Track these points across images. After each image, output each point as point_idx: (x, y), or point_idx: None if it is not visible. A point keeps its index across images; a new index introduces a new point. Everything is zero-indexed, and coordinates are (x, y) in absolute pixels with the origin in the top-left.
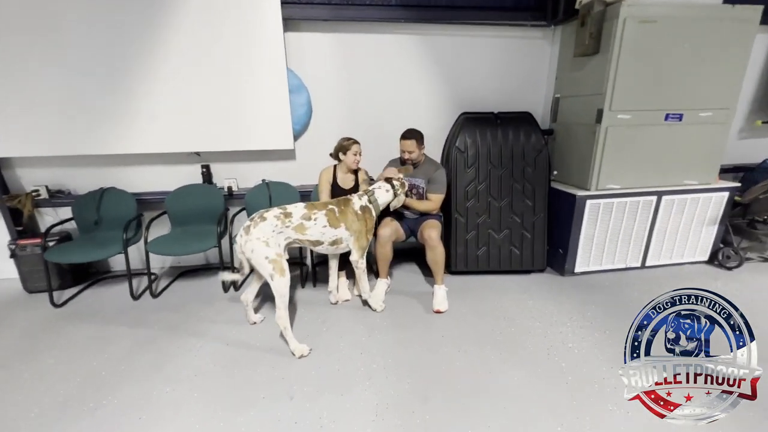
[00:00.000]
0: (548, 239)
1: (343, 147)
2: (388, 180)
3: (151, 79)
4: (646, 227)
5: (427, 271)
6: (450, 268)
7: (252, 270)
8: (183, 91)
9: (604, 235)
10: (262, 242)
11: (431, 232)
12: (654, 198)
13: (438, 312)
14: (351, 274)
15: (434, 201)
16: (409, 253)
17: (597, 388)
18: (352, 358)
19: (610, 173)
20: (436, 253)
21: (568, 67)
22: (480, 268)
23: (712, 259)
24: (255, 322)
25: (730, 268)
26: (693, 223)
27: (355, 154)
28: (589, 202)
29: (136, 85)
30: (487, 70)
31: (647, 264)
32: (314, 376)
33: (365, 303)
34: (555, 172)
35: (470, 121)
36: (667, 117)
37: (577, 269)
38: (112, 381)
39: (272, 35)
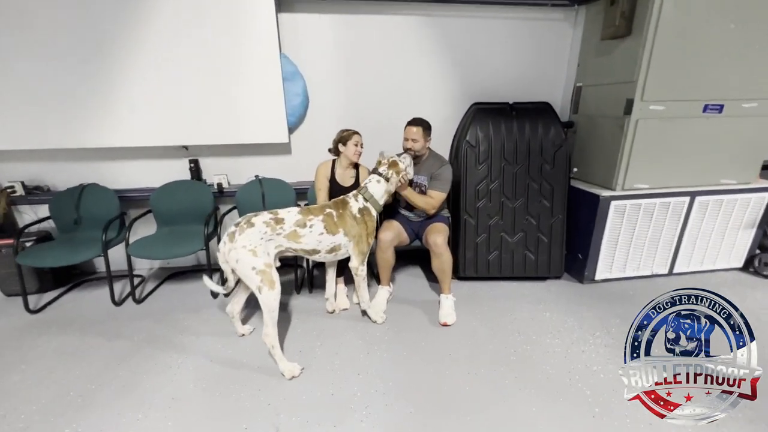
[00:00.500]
0: (566, 243)
1: (342, 138)
2: (375, 170)
3: (129, 65)
4: (676, 231)
5: (433, 276)
6: (458, 274)
7: (239, 280)
8: (166, 78)
9: (629, 240)
10: (248, 251)
11: (437, 238)
12: (686, 199)
13: (445, 325)
14: (350, 280)
15: (434, 198)
16: (414, 255)
17: (629, 423)
18: (348, 381)
19: (638, 171)
20: (442, 261)
21: (593, 51)
22: (491, 275)
23: (747, 266)
24: (243, 334)
25: (767, 276)
26: (728, 226)
27: (356, 145)
28: (613, 204)
29: (114, 72)
30: (502, 56)
31: (675, 271)
32: (304, 402)
33: (365, 313)
34: (575, 170)
35: (482, 113)
36: (705, 108)
37: (598, 276)
38: (79, 404)
39: (264, 16)
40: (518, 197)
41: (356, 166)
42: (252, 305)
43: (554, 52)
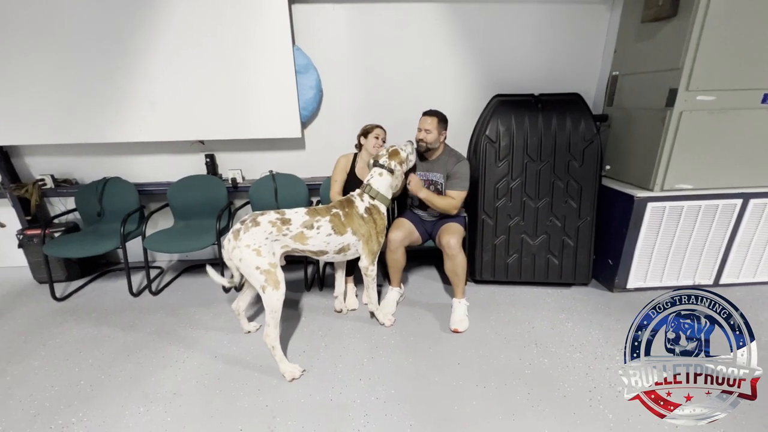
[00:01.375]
0: (595, 247)
1: (365, 130)
2: (375, 163)
3: (147, 61)
4: (725, 237)
5: (448, 279)
6: (474, 277)
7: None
8: (182, 74)
9: (667, 246)
10: (252, 250)
11: (450, 239)
12: (738, 201)
13: (456, 332)
14: (360, 280)
15: (456, 198)
16: (429, 256)
17: None
18: (349, 386)
19: (681, 170)
20: (455, 263)
21: (632, 36)
22: (510, 279)
23: None
24: (249, 331)
25: None
26: None
27: (377, 138)
28: (650, 205)
29: (133, 69)
30: (528, 44)
31: (722, 282)
32: (302, 406)
33: (373, 315)
34: (608, 167)
35: (504, 105)
36: (765, 98)
37: (630, 284)
38: (88, 394)
39: (277, 8)
40: (542, 197)
41: None
42: (260, 302)
43: (587, 37)
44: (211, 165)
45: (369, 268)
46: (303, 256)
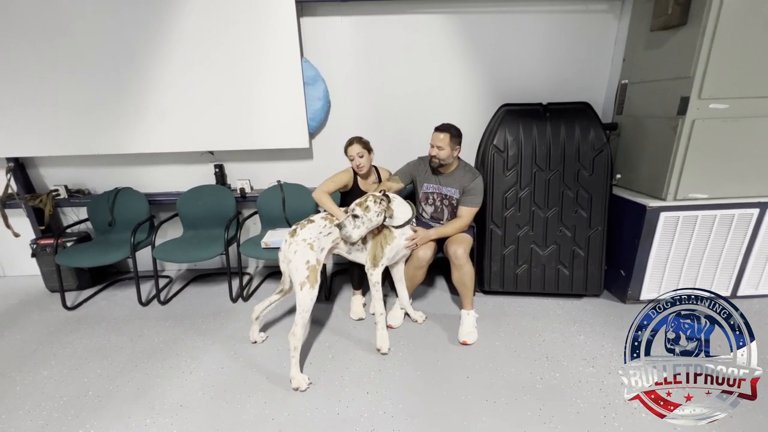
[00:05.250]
0: (606, 258)
1: (345, 148)
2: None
3: (158, 74)
4: (742, 247)
5: (456, 289)
6: (483, 288)
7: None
8: (193, 86)
9: (682, 256)
10: (306, 244)
11: (458, 249)
12: (755, 211)
13: (464, 344)
14: (369, 288)
15: (465, 217)
16: (437, 265)
17: None
18: (356, 400)
19: (694, 179)
20: (463, 274)
21: (641, 45)
22: (519, 290)
23: None
24: (256, 341)
25: None
26: None
27: (352, 159)
28: (663, 215)
29: (145, 81)
30: (536, 53)
31: (739, 293)
32: (309, 420)
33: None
34: (618, 176)
35: (512, 115)
36: None
37: (644, 296)
38: (95, 404)
39: (285, 22)
40: (551, 206)
41: (377, 173)
42: (266, 314)
43: (596, 46)
44: (220, 175)
45: (370, 270)
46: None
